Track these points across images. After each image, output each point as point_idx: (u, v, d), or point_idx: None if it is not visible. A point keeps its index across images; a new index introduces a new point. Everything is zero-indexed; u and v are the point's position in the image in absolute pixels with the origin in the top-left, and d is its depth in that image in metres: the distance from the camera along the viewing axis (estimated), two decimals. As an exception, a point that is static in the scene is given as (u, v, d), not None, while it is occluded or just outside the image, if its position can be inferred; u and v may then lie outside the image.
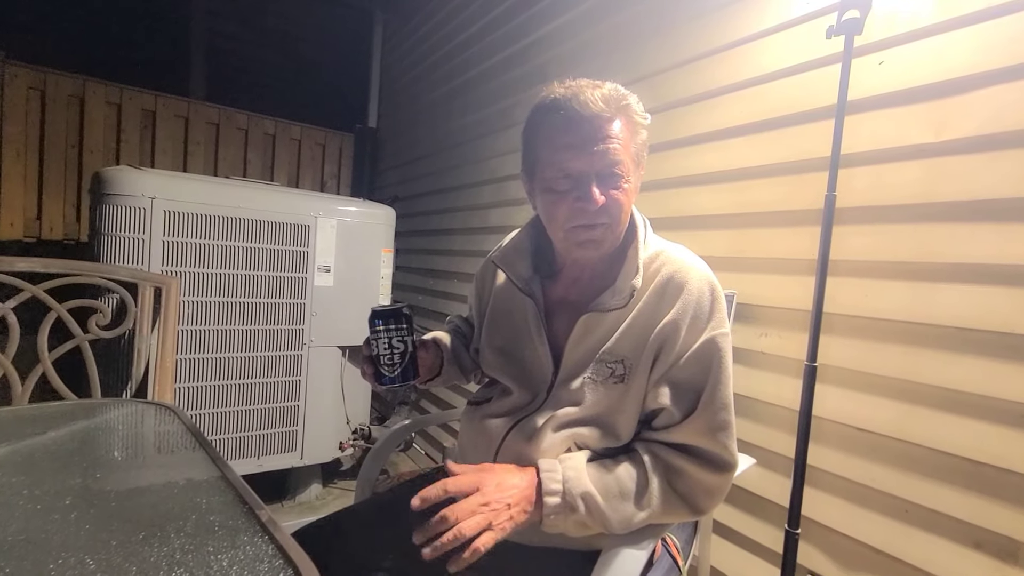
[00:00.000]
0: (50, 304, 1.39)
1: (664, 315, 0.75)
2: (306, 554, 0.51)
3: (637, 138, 0.77)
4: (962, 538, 0.89)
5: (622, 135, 0.74)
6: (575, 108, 0.72)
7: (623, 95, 0.75)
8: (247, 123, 3.30)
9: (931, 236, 0.95)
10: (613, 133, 0.73)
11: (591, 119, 0.72)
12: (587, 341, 0.79)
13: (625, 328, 0.77)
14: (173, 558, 0.50)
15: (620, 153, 0.73)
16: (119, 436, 0.89)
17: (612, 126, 0.73)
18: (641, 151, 0.78)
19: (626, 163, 0.74)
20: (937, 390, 0.93)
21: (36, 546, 0.50)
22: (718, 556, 1.27)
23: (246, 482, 0.67)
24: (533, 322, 0.85)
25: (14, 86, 2.61)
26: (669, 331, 0.75)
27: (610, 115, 0.73)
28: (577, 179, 0.74)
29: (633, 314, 0.77)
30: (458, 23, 2.65)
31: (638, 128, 0.77)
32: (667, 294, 0.76)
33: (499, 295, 0.92)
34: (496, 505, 0.66)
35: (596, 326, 0.79)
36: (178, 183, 1.75)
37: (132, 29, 4.12)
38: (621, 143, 0.73)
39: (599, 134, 0.73)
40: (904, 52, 1.00)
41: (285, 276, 1.88)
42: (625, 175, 0.75)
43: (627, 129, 0.75)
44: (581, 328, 0.79)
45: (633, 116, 0.75)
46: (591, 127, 0.73)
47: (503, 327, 0.90)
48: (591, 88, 0.74)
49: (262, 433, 1.90)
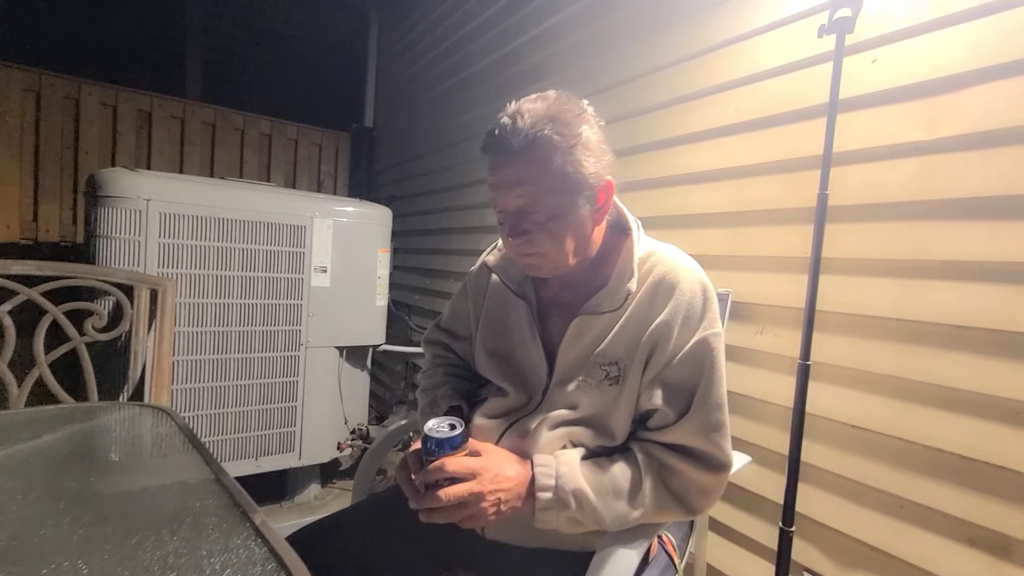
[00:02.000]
0: (46, 307, 1.39)
1: (656, 316, 0.75)
2: (299, 557, 0.51)
3: (566, 164, 0.71)
4: (956, 534, 0.90)
5: (535, 175, 0.71)
6: (495, 149, 0.72)
7: (546, 123, 0.70)
8: (243, 123, 3.29)
9: (924, 234, 0.95)
10: (525, 176, 0.71)
11: (507, 163, 0.72)
12: (580, 343, 0.79)
13: (618, 330, 0.77)
14: (166, 562, 0.50)
15: (535, 194, 0.71)
16: (114, 440, 0.89)
17: (526, 169, 0.71)
18: (574, 173, 0.72)
19: (543, 202, 0.72)
20: (930, 387, 0.93)
21: (29, 551, 0.50)
22: (714, 553, 1.27)
23: (244, 483, 0.68)
24: (527, 324, 0.85)
25: (8, 87, 2.60)
26: (661, 332, 0.75)
27: (524, 157, 0.70)
28: (505, 215, 0.76)
29: (626, 315, 0.77)
30: (453, 22, 2.64)
31: (570, 152, 0.71)
32: (659, 295, 0.76)
33: (493, 298, 0.92)
34: (489, 497, 0.68)
35: (589, 328, 0.79)
36: (174, 185, 1.75)
37: (127, 29, 4.10)
38: (534, 185, 0.71)
39: (513, 178, 0.72)
40: (896, 50, 1.00)
41: (282, 277, 1.88)
42: (545, 213, 0.72)
43: (545, 164, 0.70)
44: (574, 330, 0.79)
45: (556, 147, 0.70)
46: (508, 171, 0.72)
47: (497, 330, 0.90)
48: (518, 119, 0.70)
49: (260, 434, 1.90)
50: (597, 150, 0.74)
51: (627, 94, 1.57)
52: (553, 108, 0.71)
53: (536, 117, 0.70)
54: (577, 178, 0.72)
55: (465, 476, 0.68)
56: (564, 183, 0.72)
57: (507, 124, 0.71)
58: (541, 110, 0.71)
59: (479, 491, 0.67)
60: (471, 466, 0.69)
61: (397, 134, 3.35)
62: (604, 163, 0.75)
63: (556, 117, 0.70)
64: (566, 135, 0.70)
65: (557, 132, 0.70)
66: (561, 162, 0.71)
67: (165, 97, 3.04)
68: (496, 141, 0.72)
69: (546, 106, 0.71)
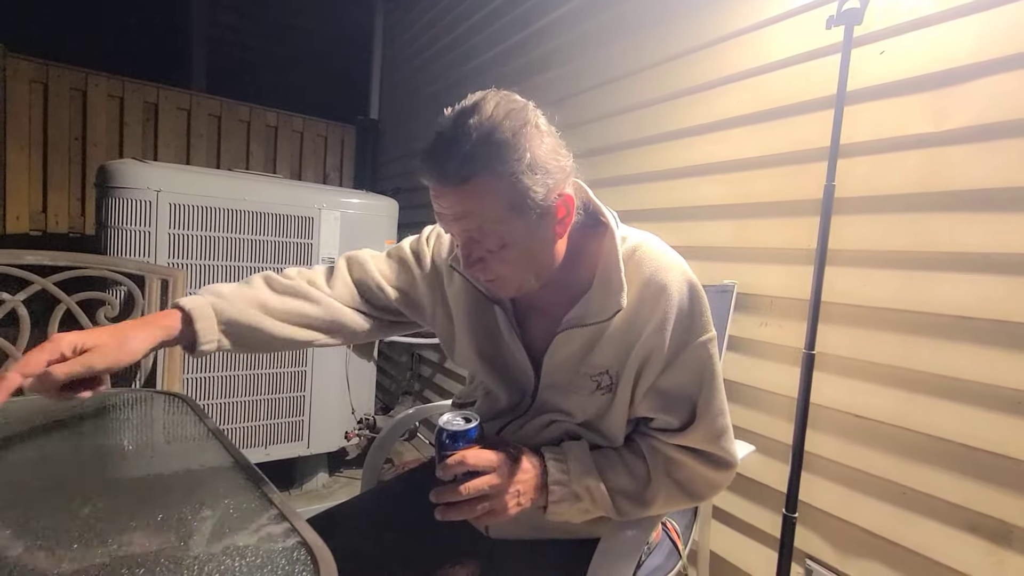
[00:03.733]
0: (59, 296, 1.41)
1: (646, 323, 0.71)
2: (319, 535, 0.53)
3: (512, 193, 0.63)
4: (957, 521, 0.91)
5: (478, 209, 0.64)
6: (430, 175, 0.64)
7: (483, 148, 0.62)
8: (249, 115, 3.30)
9: (929, 225, 0.96)
10: (467, 210, 0.64)
11: (444, 194, 0.65)
12: (565, 353, 0.76)
13: (607, 338, 0.73)
14: (191, 537, 0.52)
15: (482, 225, 0.65)
16: (134, 423, 0.91)
17: (466, 202, 0.64)
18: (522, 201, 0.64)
19: (492, 231, 0.65)
20: (933, 377, 0.95)
21: (59, 526, 0.52)
22: (717, 541, 1.29)
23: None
24: (505, 329, 0.80)
25: (16, 79, 2.61)
26: (654, 341, 0.71)
27: (462, 189, 0.63)
28: (456, 241, 0.71)
29: (614, 323, 0.72)
30: (459, 13, 2.64)
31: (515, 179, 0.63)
32: (646, 300, 0.71)
33: (465, 295, 0.83)
34: (511, 489, 0.67)
35: (575, 339, 0.75)
36: (183, 176, 1.76)
37: (133, 21, 4.11)
38: (478, 218, 0.64)
39: (454, 211, 0.65)
40: (904, 42, 1.01)
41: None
42: (496, 242, 0.66)
43: (487, 197, 0.63)
44: (559, 342, 0.75)
45: (498, 177, 0.62)
46: (447, 202, 0.65)
47: (478, 331, 0.83)
48: (451, 145, 0.62)
49: (269, 423, 1.93)
50: (548, 166, 0.65)
51: (634, 86, 1.57)
52: (489, 125, 0.62)
53: (471, 141, 0.61)
54: (526, 205, 0.64)
55: (485, 469, 0.66)
56: (511, 211, 0.64)
57: (440, 147, 0.63)
58: (475, 128, 0.62)
59: (499, 483, 0.66)
60: (491, 459, 0.66)
61: (402, 126, 3.35)
62: (558, 177, 0.66)
63: (492, 137, 0.62)
64: (506, 159, 0.62)
65: (495, 157, 0.62)
66: (506, 191, 0.63)
67: (171, 89, 3.06)
68: (431, 166, 0.64)
69: (480, 122, 0.62)
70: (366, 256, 0.90)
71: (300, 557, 0.50)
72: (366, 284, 0.88)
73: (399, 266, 0.90)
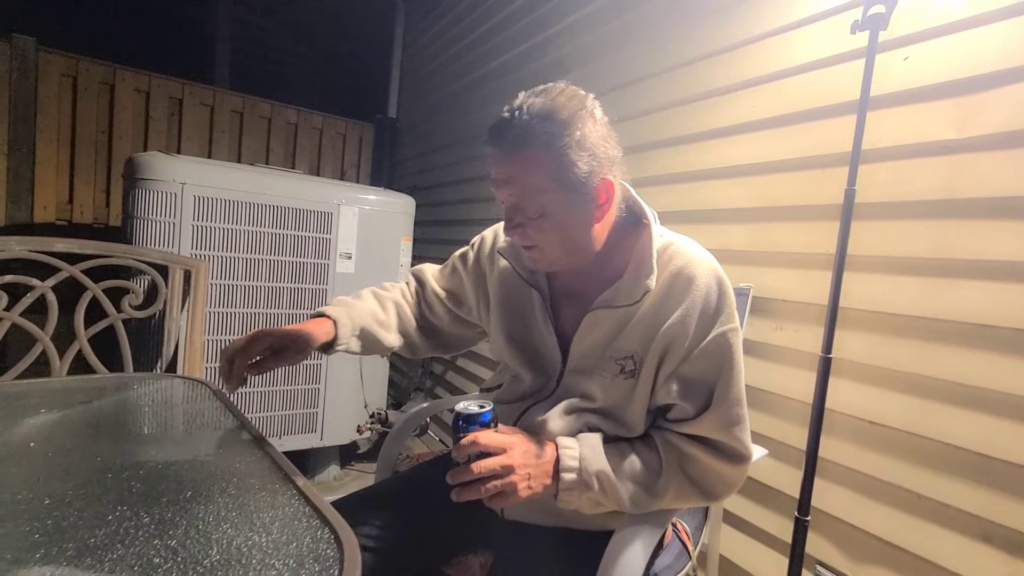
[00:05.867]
0: (86, 284, 1.45)
1: (672, 311, 0.75)
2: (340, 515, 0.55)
3: (557, 165, 0.71)
4: (971, 531, 0.91)
5: (524, 175, 0.72)
6: (492, 143, 0.73)
7: (539, 122, 0.70)
8: (270, 112, 3.35)
9: (951, 232, 0.95)
10: (515, 175, 0.72)
11: (500, 160, 0.73)
12: (594, 336, 0.80)
13: (634, 323, 0.77)
14: (219, 514, 0.54)
15: (525, 193, 0.72)
16: (159, 406, 0.94)
17: (516, 168, 0.72)
18: (565, 174, 0.71)
19: (533, 200, 0.72)
20: (951, 385, 0.94)
21: (94, 499, 0.55)
22: (728, 544, 1.29)
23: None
24: (540, 313, 0.85)
25: (47, 73, 2.68)
26: (677, 329, 0.74)
27: (515, 156, 0.71)
28: (503, 206, 0.77)
29: (642, 309, 0.76)
30: (479, 15, 2.66)
31: (562, 152, 0.70)
32: (675, 289, 0.75)
33: (503, 283, 0.92)
34: (520, 471, 0.69)
35: (603, 321, 0.79)
36: (208, 169, 1.80)
37: (159, 17, 4.20)
38: (523, 184, 0.72)
39: (505, 175, 0.73)
40: (929, 48, 1.00)
41: (308, 262, 1.93)
42: (535, 210, 0.73)
43: (534, 165, 0.71)
44: (588, 323, 0.79)
45: (547, 147, 0.70)
46: (501, 168, 0.73)
47: (514, 316, 0.90)
48: (514, 117, 0.71)
49: (284, 414, 1.96)
50: (595, 149, 0.72)
51: (655, 88, 1.58)
52: (551, 105, 0.70)
53: (532, 114, 0.70)
54: (568, 178, 0.71)
55: (496, 450, 0.69)
56: (554, 183, 0.71)
57: (504, 119, 0.72)
58: (538, 107, 0.70)
59: (510, 464, 0.68)
60: (502, 441, 0.70)
61: (420, 125, 3.38)
62: (604, 161, 0.73)
63: (551, 115, 0.70)
64: (559, 134, 0.70)
65: (549, 131, 0.69)
66: (552, 163, 0.70)
67: (196, 85, 3.11)
68: (493, 135, 0.73)
69: (544, 102, 0.71)
70: (425, 270, 1.08)
71: (324, 536, 0.51)
72: (428, 297, 1.04)
73: (451, 272, 1.05)
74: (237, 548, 0.48)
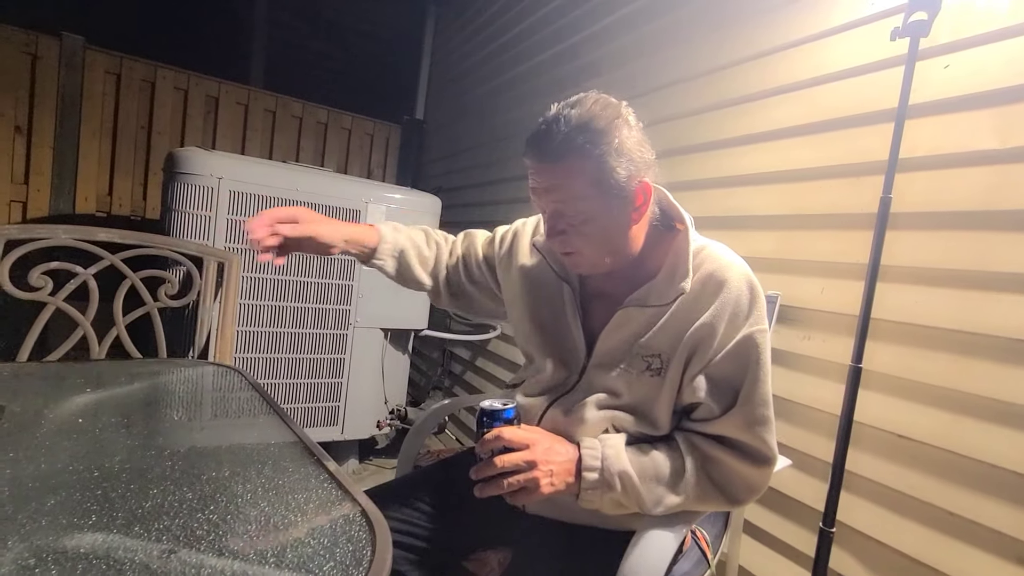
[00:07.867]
0: (125, 272, 1.50)
1: (702, 312, 0.76)
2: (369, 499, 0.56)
3: (599, 172, 0.73)
4: (1005, 552, 0.88)
5: (567, 183, 0.74)
6: (531, 155, 0.76)
7: (579, 132, 0.72)
8: (302, 111, 3.43)
9: (990, 244, 0.93)
10: (558, 183, 0.75)
11: (542, 170, 0.76)
12: (622, 333, 0.81)
13: (663, 324, 0.78)
14: (256, 492, 0.56)
15: (568, 200, 0.75)
16: (196, 390, 0.97)
17: (559, 176, 0.74)
18: (606, 180, 0.74)
19: (576, 207, 0.75)
20: (986, 400, 0.92)
21: (139, 475, 0.57)
22: (748, 556, 1.27)
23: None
24: (569, 306, 0.87)
25: (93, 70, 2.79)
26: (705, 331, 0.75)
27: (557, 165, 0.74)
28: (544, 214, 0.81)
29: (672, 310, 0.78)
30: (510, 18, 2.68)
31: (602, 160, 0.73)
32: (706, 292, 0.77)
33: (535, 273, 0.94)
34: (542, 467, 0.70)
35: (633, 319, 0.80)
36: (243, 165, 1.85)
37: (199, 17, 4.33)
38: (566, 192, 0.74)
39: (547, 184, 0.76)
40: (971, 56, 0.98)
41: (336, 258, 1.97)
42: (579, 217, 0.75)
43: (577, 173, 0.73)
44: (618, 320, 0.81)
45: (588, 156, 0.72)
46: (542, 177, 0.76)
47: (542, 303, 0.91)
48: (553, 127, 0.73)
49: (307, 406, 2.00)
50: (632, 154, 0.74)
51: (688, 92, 1.57)
52: (587, 115, 0.73)
53: (571, 126, 0.72)
54: (609, 184, 0.74)
55: (519, 445, 0.70)
56: (596, 189, 0.74)
57: (543, 131, 0.74)
58: (575, 118, 0.73)
59: (533, 459, 0.70)
60: (525, 437, 0.71)
61: (447, 127, 3.42)
62: (640, 165, 0.75)
63: (589, 125, 0.72)
64: (598, 143, 0.72)
65: (589, 141, 0.72)
66: (593, 170, 0.73)
67: (231, 84, 3.21)
68: (533, 147, 0.76)
69: (580, 113, 0.73)
70: (476, 233, 1.12)
71: (356, 518, 0.53)
72: (469, 253, 1.09)
73: (488, 242, 1.09)
74: (275, 525, 0.50)
